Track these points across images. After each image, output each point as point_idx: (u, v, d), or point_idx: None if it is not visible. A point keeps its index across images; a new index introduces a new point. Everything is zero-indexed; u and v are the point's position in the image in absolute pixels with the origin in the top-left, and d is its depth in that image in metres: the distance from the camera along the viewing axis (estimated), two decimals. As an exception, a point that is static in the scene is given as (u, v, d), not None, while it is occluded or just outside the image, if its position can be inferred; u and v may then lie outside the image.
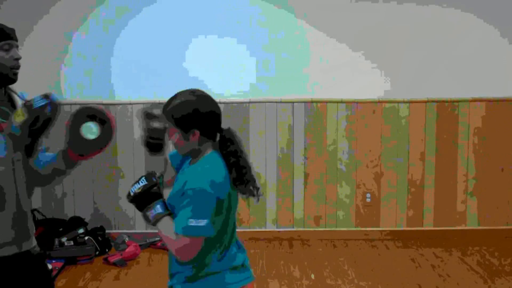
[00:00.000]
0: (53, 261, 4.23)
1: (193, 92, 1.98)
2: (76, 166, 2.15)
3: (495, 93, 4.83)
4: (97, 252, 4.48)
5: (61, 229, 4.49)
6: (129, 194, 1.96)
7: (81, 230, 4.47)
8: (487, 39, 4.81)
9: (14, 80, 2.09)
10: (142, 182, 1.94)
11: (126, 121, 4.72)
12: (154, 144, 2.09)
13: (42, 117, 1.98)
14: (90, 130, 2.05)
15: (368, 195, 4.91)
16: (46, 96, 2.02)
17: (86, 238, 4.44)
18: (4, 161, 2.02)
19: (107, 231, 4.70)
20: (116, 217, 4.83)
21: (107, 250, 4.54)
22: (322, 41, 4.77)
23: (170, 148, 2.12)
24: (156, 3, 4.73)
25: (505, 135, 4.88)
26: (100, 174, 4.80)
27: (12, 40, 2.06)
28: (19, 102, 2.13)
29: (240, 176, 1.97)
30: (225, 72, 4.78)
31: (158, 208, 1.92)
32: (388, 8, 4.77)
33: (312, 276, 4.12)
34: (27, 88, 2.27)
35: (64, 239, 4.39)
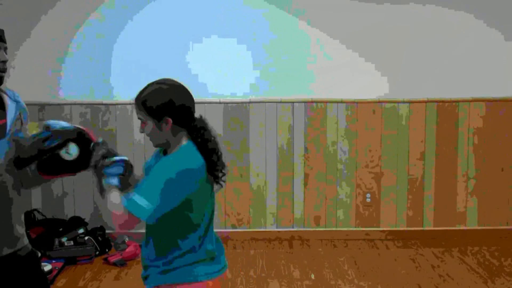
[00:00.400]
0: (53, 261, 4.24)
1: (164, 81, 1.98)
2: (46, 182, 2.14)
3: (495, 93, 4.83)
4: (97, 252, 4.48)
5: (61, 229, 4.48)
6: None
7: (81, 230, 4.47)
8: (487, 39, 4.81)
9: None
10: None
11: (126, 121, 4.72)
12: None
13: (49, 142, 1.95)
14: (69, 150, 1.99)
15: (368, 195, 4.91)
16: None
17: (86, 238, 4.44)
18: None
19: (107, 231, 4.70)
20: (116, 217, 4.82)
21: (107, 250, 4.54)
22: (322, 41, 4.77)
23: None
24: (156, 3, 4.73)
25: (505, 135, 4.88)
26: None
27: (0, 42, 2.00)
28: (8, 101, 2.07)
29: (216, 162, 1.96)
30: (225, 72, 4.78)
31: (115, 181, 1.93)
32: (388, 8, 4.77)
33: (312, 276, 4.12)
34: (28, 88, 2.26)
35: (64, 239, 4.39)
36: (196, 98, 2.05)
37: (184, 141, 1.96)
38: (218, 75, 4.77)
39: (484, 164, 4.90)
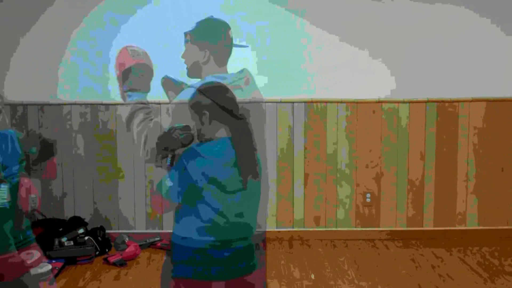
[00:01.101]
0: (53, 261, 4.23)
1: (206, 83, 2.20)
2: None
3: (495, 93, 4.83)
4: (97, 252, 4.48)
5: (61, 229, 4.48)
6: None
7: (81, 230, 4.47)
8: (487, 38, 4.81)
9: None
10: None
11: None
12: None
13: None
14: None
15: (368, 195, 4.91)
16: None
17: (86, 238, 4.44)
18: None
19: (107, 231, 4.70)
20: (116, 217, 4.83)
21: (107, 250, 4.54)
22: (322, 41, 4.77)
23: None
24: (156, 4, 4.73)
25: (505, 135, 4.88)
26: (100, 174, 4.80)
27: None
28: None
29: (241, 157, 2.13)
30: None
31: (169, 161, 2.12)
32: (389, 8, 4.77)
33: (312, 276, 4.12)
34: (28, 88, 2.27)
35: (64, 239, 4.39)
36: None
37: (222, 135, 2.12)
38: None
39: (484, 164, 4.90)
